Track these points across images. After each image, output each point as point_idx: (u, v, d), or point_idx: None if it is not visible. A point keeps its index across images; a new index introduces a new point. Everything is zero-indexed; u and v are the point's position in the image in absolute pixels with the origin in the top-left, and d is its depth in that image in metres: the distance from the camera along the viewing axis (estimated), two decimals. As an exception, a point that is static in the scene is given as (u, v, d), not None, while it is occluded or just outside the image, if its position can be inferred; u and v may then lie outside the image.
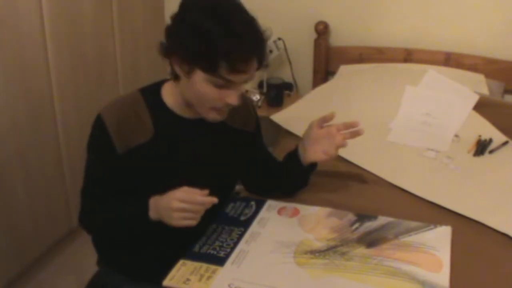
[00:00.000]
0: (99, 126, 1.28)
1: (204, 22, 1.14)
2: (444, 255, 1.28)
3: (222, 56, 1.14)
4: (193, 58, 1.17)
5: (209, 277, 1.19)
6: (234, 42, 1.14)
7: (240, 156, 1.45)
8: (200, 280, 1.18)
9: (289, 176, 1.52)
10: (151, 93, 1.33)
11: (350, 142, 2.04)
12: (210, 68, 1.16)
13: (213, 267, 1.23)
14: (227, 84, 1.19)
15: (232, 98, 1.22)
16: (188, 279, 1.18)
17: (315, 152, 1.44)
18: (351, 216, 1.45)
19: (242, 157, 1.46)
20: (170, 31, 1.21)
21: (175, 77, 1.26)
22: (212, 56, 1.14)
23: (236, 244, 1.31)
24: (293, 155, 1.49)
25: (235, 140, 1.43)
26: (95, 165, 1.33)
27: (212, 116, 1.27)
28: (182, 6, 1.20)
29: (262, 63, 1.23)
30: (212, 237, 1.34)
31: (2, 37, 1.83)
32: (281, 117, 2.32)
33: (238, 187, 1.61)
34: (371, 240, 1.34)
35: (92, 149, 1.33)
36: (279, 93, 2.66)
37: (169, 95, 1.32)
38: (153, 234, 1.34)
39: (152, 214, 1.24)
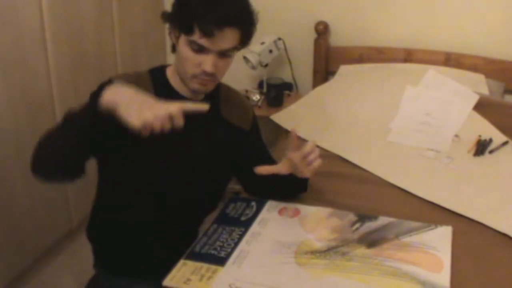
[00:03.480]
0: (105, 83, 1.26)
1: None
2: (445, 255, 1.28)
3: (195, 19, 1.21)
4: (176, 21, 1.27)
5: (210, 277, 1.19)
6: (206, 6, 1.21)
7: (232, 150, 1.45)
8: (201, 280, 1.18)
9: (287, 181, 1.51)
10: (157, 72, 1.39)
11: (350, 142, 2.05)
12: (187, 31, 1.23)
13: (214, 267, 1.23)
14: (202, 49, 1.24)
15: (206, 65, 1.25)
16: (188, 279, 1.18)
17: (296, 171, 1.40)
18: (351, 216, 1.45)
19: (234, 153, 1.46)
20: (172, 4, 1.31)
21: (173, 48, 1.33)
22: (187, 18, 1.23)
23: (236, 244, 1.31)
24: None
25: (228, 134, 1.44)
26: (83, 108, 1.26)
27: (194, 86, 1.30)
28: None
29: (244, 37, 1.27)
30: (213, 237, 1.34)
31: (2, 37, 1.83)
32: (281, 117, 2.33)
33: (239, 188, 1.60)
34: (372, 240, 1.34)
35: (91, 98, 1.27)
36: (279, 93, 2.65)
37: (172, 73, 1.37)
38: (148, 234, 1.34)
39: (108, 94, 1.14)
